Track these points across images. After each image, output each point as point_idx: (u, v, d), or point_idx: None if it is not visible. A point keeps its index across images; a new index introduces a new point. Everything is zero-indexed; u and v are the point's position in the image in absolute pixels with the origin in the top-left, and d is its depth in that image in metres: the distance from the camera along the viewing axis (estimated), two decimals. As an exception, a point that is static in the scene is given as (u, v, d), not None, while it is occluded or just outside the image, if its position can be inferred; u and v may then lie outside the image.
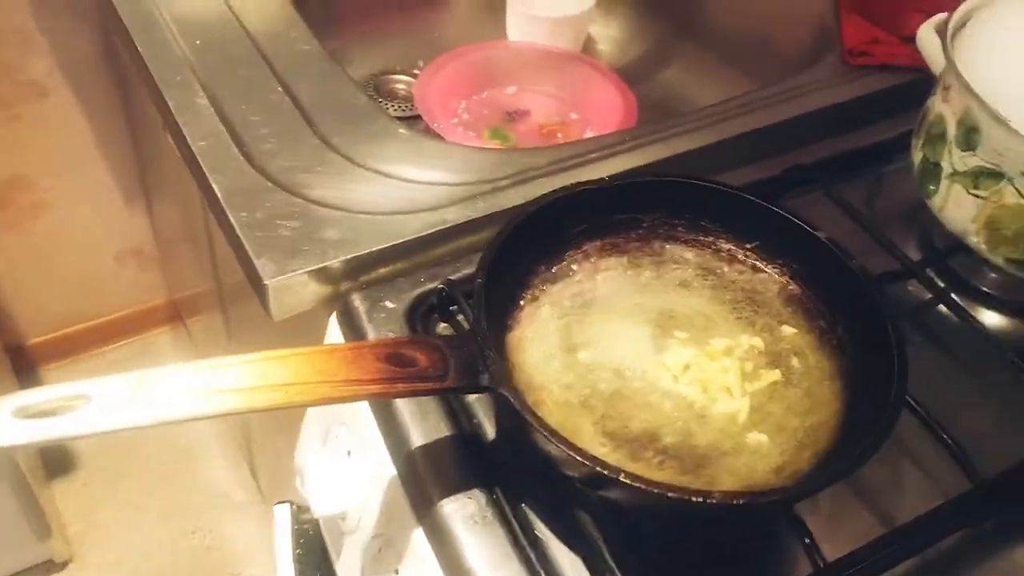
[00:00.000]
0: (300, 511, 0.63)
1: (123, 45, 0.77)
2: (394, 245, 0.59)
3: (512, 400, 0.43)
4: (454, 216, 0.61)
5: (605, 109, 0.88)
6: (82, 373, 1.60)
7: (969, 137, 0.57)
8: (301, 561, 0.61)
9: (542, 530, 0.48)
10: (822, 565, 0.45)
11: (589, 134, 0.87)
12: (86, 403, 0.37)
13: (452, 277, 0.57)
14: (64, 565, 1.40)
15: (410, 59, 0.99)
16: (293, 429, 0.64)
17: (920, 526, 0.48)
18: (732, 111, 0.73)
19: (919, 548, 0.48)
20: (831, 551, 0.46)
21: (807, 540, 0.45)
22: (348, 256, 0.57)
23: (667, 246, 0.56)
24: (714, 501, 0.40)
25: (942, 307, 0.62)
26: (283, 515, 0.62)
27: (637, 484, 0.41)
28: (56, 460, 1.50)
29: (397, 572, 0.50)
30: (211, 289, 1.15)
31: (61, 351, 1.61)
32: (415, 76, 0.95)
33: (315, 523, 0.62)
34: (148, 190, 1.49)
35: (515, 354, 0.50)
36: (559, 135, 0.89)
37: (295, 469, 0.63)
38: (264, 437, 1.13)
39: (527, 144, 0.86)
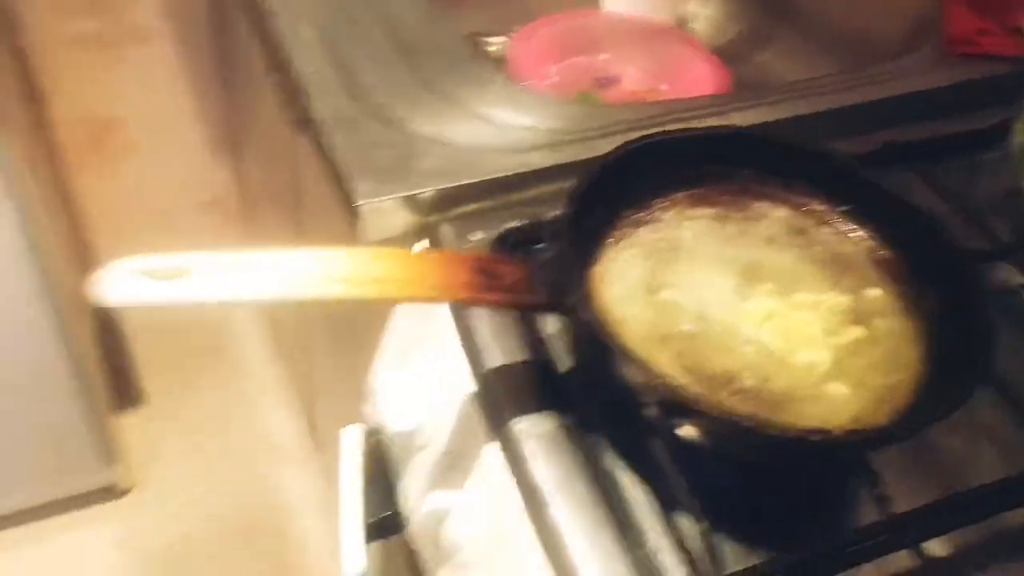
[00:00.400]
0: (368, 433, 0.65)
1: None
2: (485, 180, 0.60)
3: (593, 322, 0.44)
4: (543, 160, 0.62)
5: (697, 84, 0.88)
6: (152, 314, 1.63)
7: (1076, 118, 0.56)
8: (368, 482, 0.62)
9: (612, 459, 0.49)
10: (890, 515, 0.45)
11: (678, 106, 0.88)
12: (194, 274, 0.39)
13: (539, 215, 0.58)
14: (125, 492, 1.44)
15: (504, 23, 1.00)
16: (367, 354, 0.66)
17: (991, 492, 0.48)
18: (827, 86, 0.73)
19: (987, 513, 0.48)
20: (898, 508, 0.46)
21: (877, 490, 0.45)
22: (440, 187, 0.59)
23: (757, 202, 0.56)
24: (791, 435, 0.41)
25: (1029, 292, 0.61)
26: (352, 436, 0.64)
27: (715, 412, 0.42)
28: (121, 394, 1.55)
29: (463, 487, 0.52)
30: (290, 239, 1.18)
31: (137, 292, 1.66)
32: (509, 39, 0.97)
33: (381, 445, 0.64)
34: (235, 143, 1.54)
35: (597, 287, 0.50)
36: (647, 104, 0.89)
37: (367, 391, 0.65)
38: (329, 383, 1.16)
39: (615, 111, 0.87)
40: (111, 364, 1.55)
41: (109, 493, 1.43)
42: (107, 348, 1.54)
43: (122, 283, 0.38)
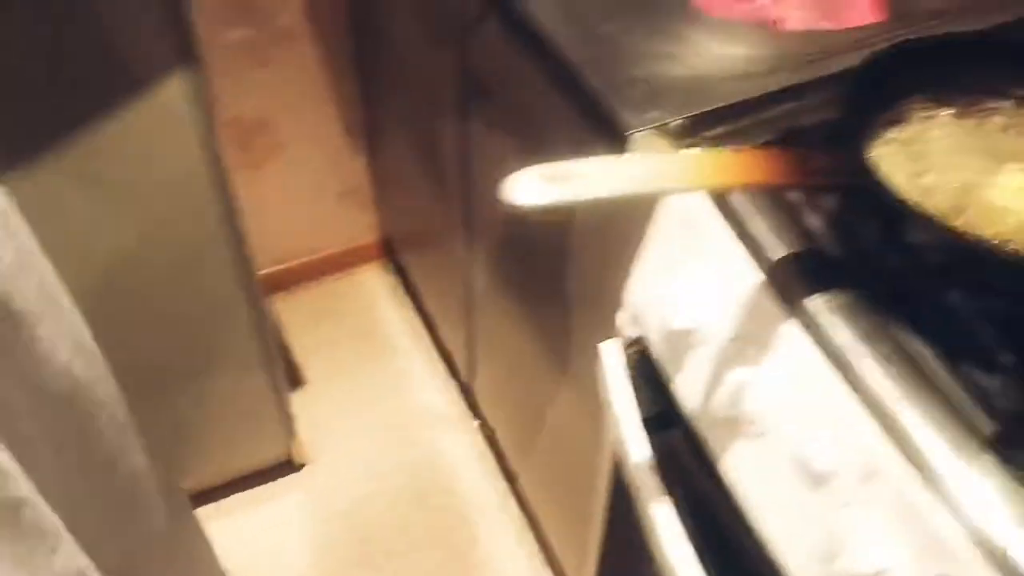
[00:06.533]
0: (626, 344, 0.73)
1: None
2: (728, 105, 0.68)
3: (896, 195, 0.51)
4: (776, 83, 0.69)
5: (856, 18, 0.94)
6: (302, 303, 1.74)
7: None
8: (636, 387, 0.71)
9: (899, 323, 0.56)
10: None
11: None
12: (583, 177, 0.48)
13: (791, 127, 0.66)
14: (301, 467, 1.55)
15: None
16: (618, 272, 0.74)
17: None
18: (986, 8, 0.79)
19: None
20: None
21: None
22: (689, 114, 0.67)
23: (987, 98, 0.63)
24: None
25: None
26: (612, 349, 0.72)
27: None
28: (289, 377, 1.65)
29: (759, 364, 0.59)
30: (451, 208, 1.27)
31: (286, 283, 1.78)
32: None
33: (642, 351, 0.72)
34: (370, 135, 1.63)
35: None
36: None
37: (624, 306, 0.73)
38: (505, 337, 1.24)
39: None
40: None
41: (288, 467, 1.54)
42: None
43: (531, 187, 0.46)
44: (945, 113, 0.62)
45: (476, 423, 1.58)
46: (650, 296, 0.69)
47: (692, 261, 0.65)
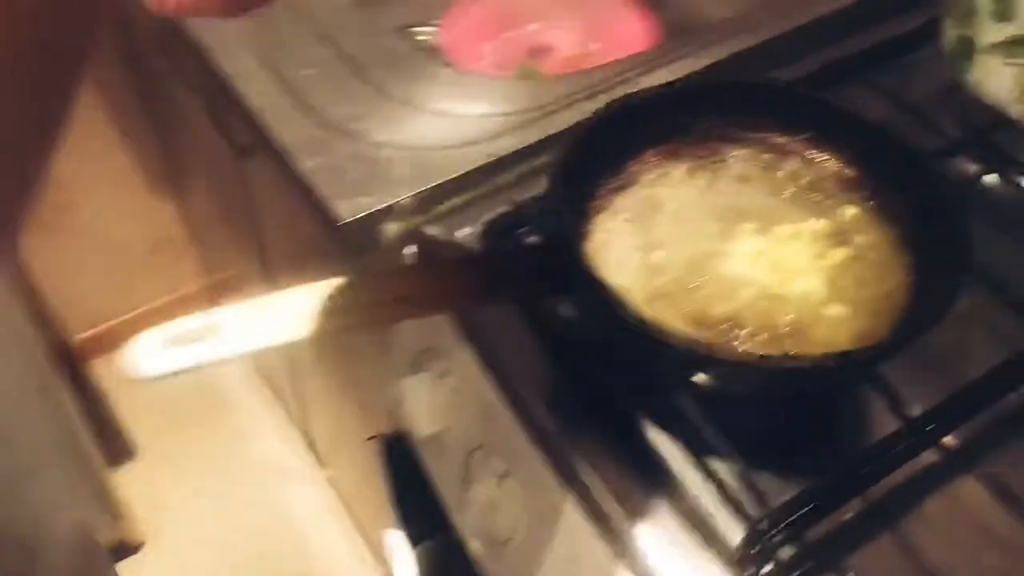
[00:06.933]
0: (393, 440, 0.66)
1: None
2: (459, 176, 0.61)
3: (600, 301, 0.46)
4: (509, 145, 0.63)
5: (626, 35, 0.90)
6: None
7: (1004, 9, 0.59)
8: (400, 487, 0.64)
9: (642, 423, 0.51)
10: (909, 420, 0.48)
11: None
12: (216, 331, 0.40)
13: (518, 199, 0.60)
14: (137, 548, 1.44)
15: (431, 11, 1.00)
16: (379, 365, 0.67)
17: (993, 378, 0.51)
18: (754, 20, 0.75)
19: (995, 399, 0.51)
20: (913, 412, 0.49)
21: (892, 399, 0.48)
22: (417, 191, 0.60)
23: (723, 146, 0.58)
24: (806, 364, 0.43)
25: (986, 180, 0.64)
26: (378, 448, 0.66)
27: (729, 358, 0.44)
28: (113, 450, 1.53)
29: (502, 477, 0.53)
30: (254, 264, 1.18)
31: (106, 345, 1.64)
32: (437, 27, 0.97)
33: (408, 449, 0.65)
34: (174, 181, 1.52)
35: (595, 261, 0.52)
36: (584, 66, 0.90)
37: (389, 400, 0.66)
38: (326, 396, 1.16)
39: (555, 79, 0.88)
40: (96, 421, 1.54)
41: (123, 550, 1.43)
42: (89, 405, 1.52)
43: (154, 355, 0.38)
44: (678, 170, 0.57)
45: (325, 473, 1.49)
46: (403, 396, 0.63)
47: (434, 360, 0.59)
